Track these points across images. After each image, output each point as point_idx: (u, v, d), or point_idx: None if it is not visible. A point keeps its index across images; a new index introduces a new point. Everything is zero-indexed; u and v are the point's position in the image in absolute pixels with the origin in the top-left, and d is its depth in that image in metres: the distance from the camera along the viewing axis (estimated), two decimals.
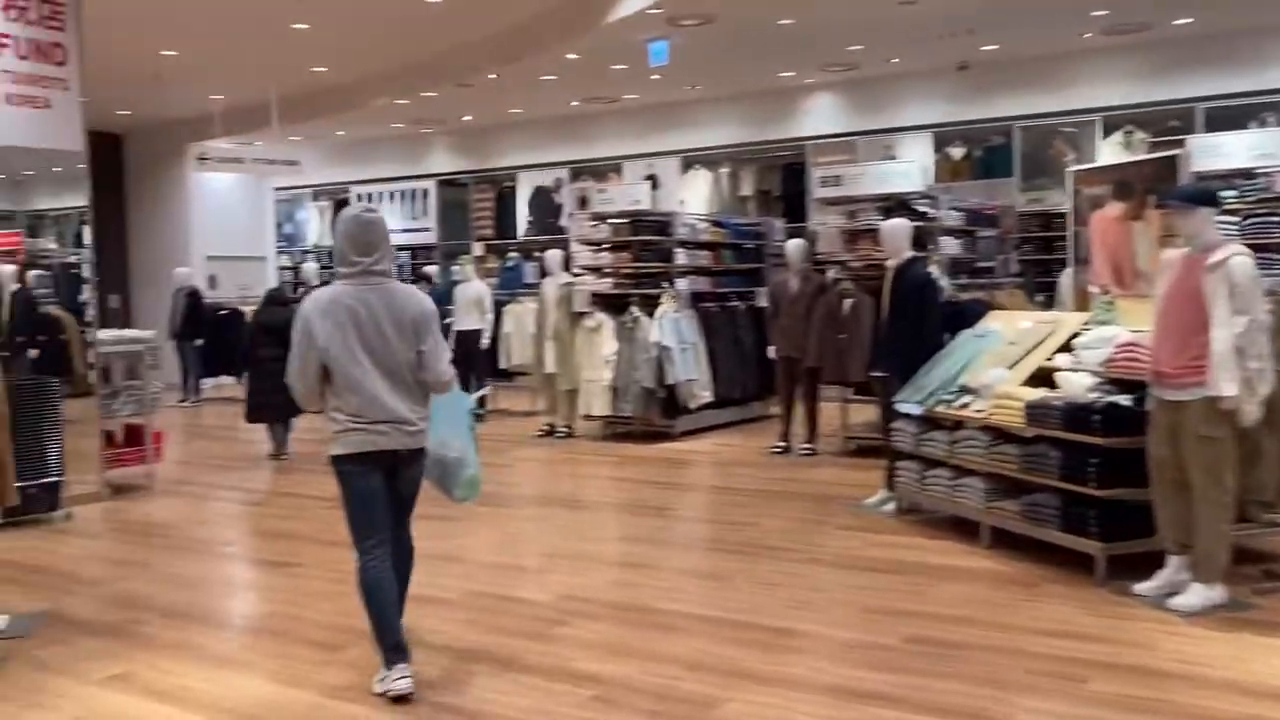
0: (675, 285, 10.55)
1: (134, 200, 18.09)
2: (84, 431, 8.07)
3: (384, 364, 3.99)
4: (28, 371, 11.99)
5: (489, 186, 16.48)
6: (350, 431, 4.02)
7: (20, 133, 7.59)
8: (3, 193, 19.86)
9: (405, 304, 4.07)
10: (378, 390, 3.97)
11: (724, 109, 14.37)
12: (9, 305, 11.78)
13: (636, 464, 9.30)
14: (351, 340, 3.95)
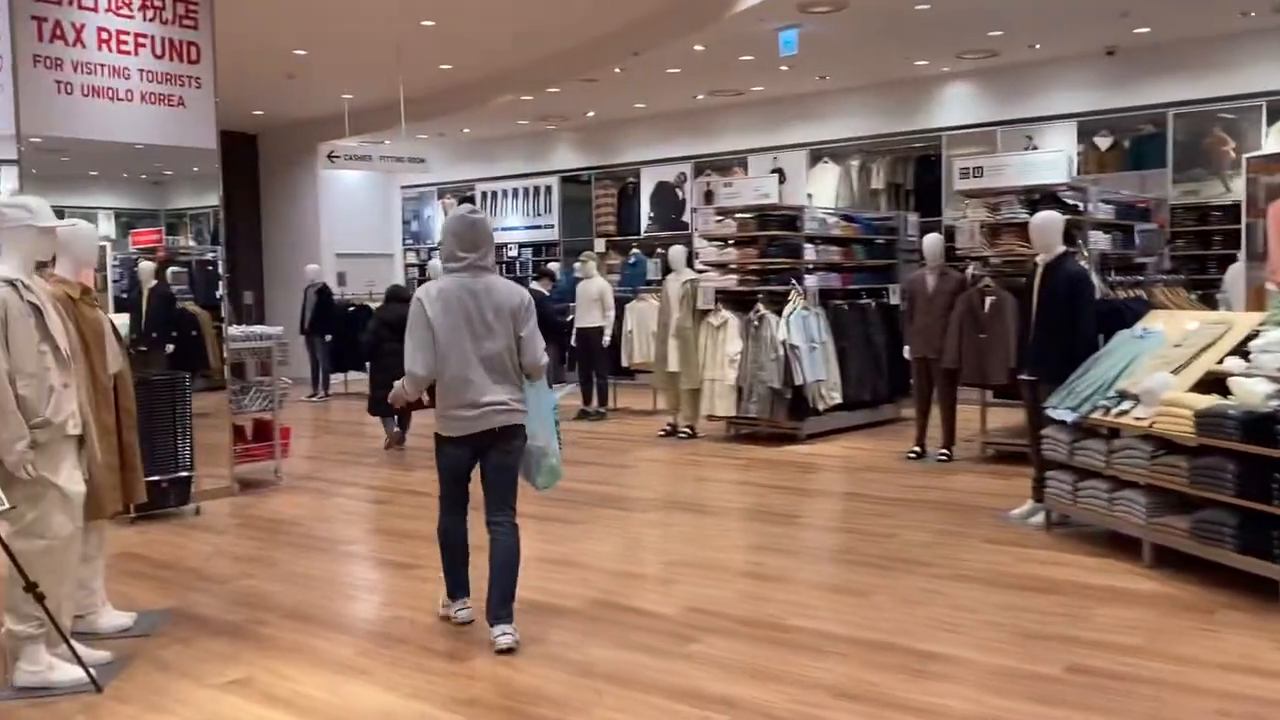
0: (803, 282, 10.19)
1: (267, 199, 18.55)
2: (216, 426, 8.17)
3: (486, 348, 4.49)
4: (164, 366, 12.38)
5: (611, 183, 16.34)
6: (449, 417, 4.55)
7: (156, 131, 7.70)
8: (145, 192, 20.63)
9: (505, 294, 4.58)
10: (478, 374, 4.48)
11: (854, 100, 13.90)
12: (147, 301, 12.14)
13: (762, 467, 8.98)
14: (458, 325, 4.47)
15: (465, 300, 4.48)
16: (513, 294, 4.59)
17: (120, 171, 21.12)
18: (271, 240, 18.44)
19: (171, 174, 18.25)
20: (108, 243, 15.30)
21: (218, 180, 8.37)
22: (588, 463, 9.34)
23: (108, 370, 4.83)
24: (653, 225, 15.87)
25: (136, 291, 12.35)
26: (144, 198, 21.46)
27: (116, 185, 21.23)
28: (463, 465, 4.62)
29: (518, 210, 17.39)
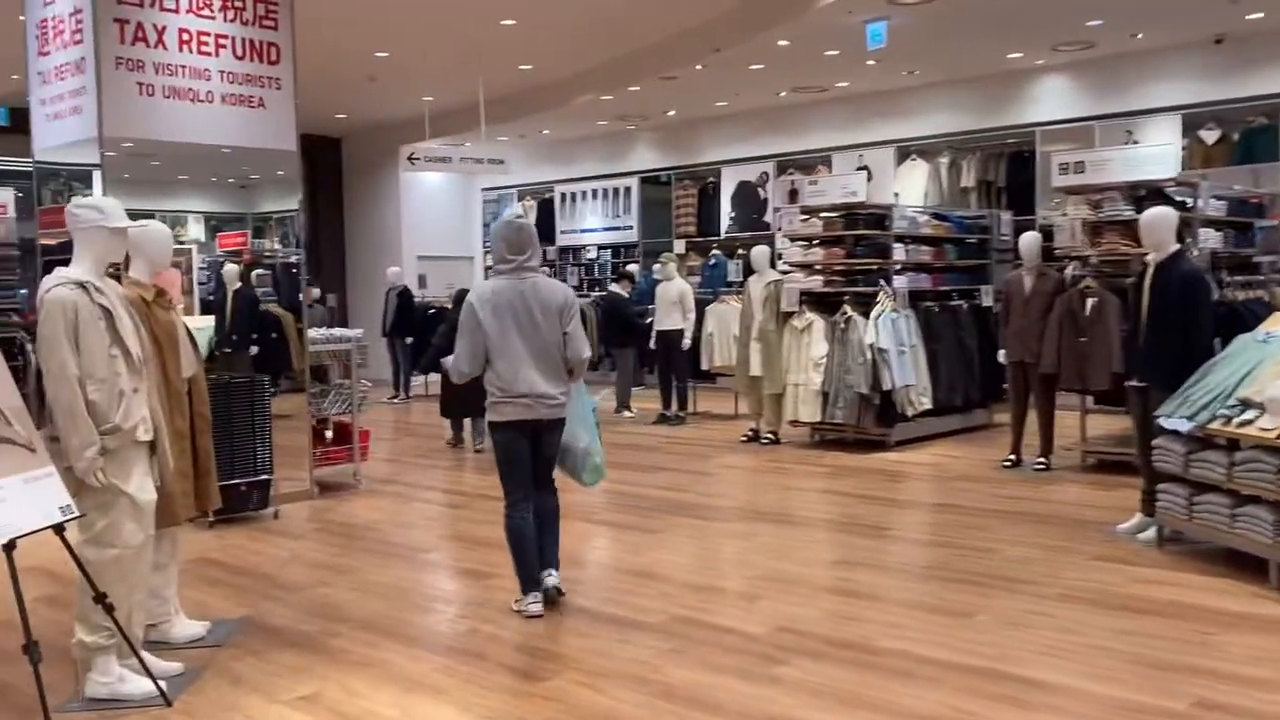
0: (892, 283, 9.84)
1: (351, 201, 18.71)
2: (297, 428, 8.13)
3: (533, 344, 4.85)
4: (248, 368, 12.46)
5: (691, 182, 16.09)
6: (503, 404, 4.91)
7: (236, 133, 7.65)
8: (233, 196, 20.97)
9: (551, 293, 4.94)
10: (526, 368, 4.84)
11: (944, 95, 13.46)
12: (231, 303, 12.24)
13: (849, 475, 8.66)
14: (508, 324, 4.84)
15: (514, 300, 4.86)
16: (557, 292, 4.97)
17: (209, 175, 21.48)
18: (355, 243, 18.58)
19: (258, 178, 18.51)
20: (194, 246, 15.62)
21: (298, 183, 8.27)
22: (666, 469, 9.12)
23: (181, 374, 4.74)
24: (733, 226, 15.59)
25: (222, 294, 12.49)
26: (232, 201, 21.84)
27: (205, 189, 21.63)
28: (522, 448, 4.98)
29: (597, 211, 17.25)
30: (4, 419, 3.73)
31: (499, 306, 4.85)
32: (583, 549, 6.47)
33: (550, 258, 17.81)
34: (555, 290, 4.97)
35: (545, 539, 5.10)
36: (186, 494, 4.77)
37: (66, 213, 4.20)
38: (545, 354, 4.87)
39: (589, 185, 17.29)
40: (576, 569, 5.90)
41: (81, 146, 7.18)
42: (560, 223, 17.66)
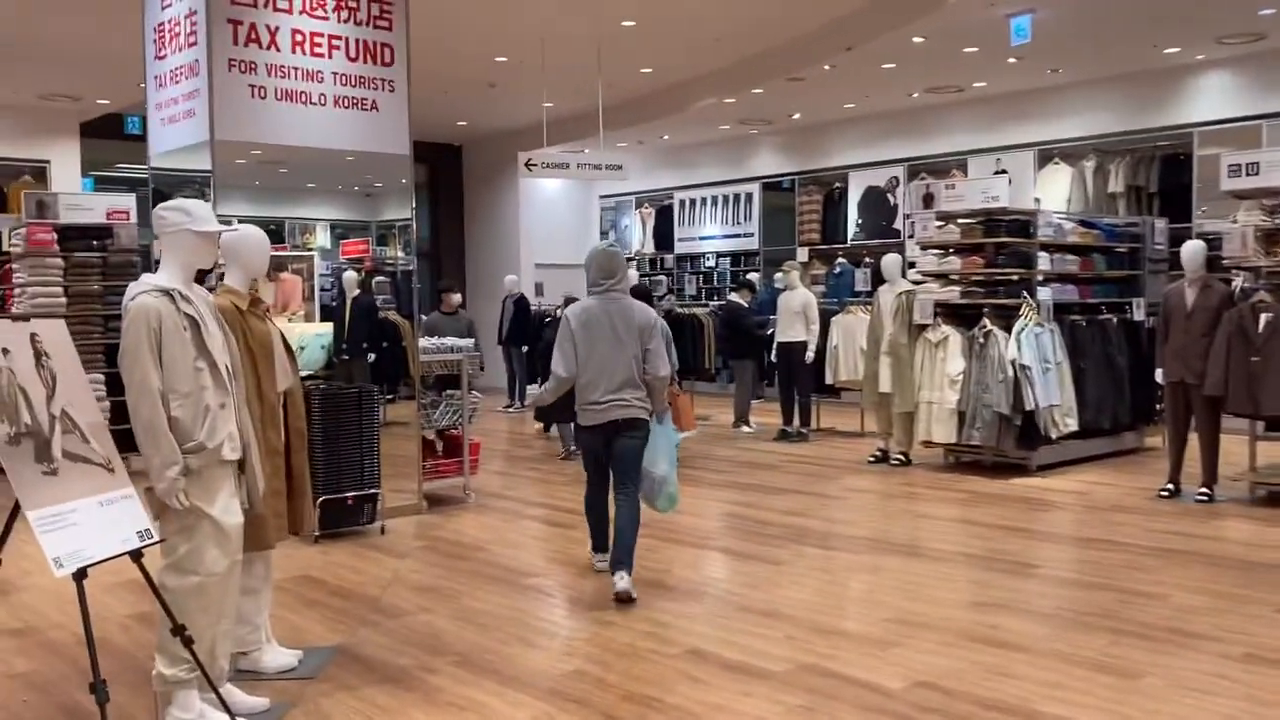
0: (1036, 294, 9.13)
1: (471, 209, 18.67)
2: (410, 437, 7.91)
3: (615, 356, 5.48)
4: (365, 376, 12.38)
5: (816, 188, 15.51)
6: (583, 410, 5.57)
7: (349, 136, 7.45)
8: (357, 204, 21.22)
9: (634, 314, 5.58)
10: (606, 377, 5.47)
11: (1090, 94, 12.61)
12: (350, 311, 12.19)
13: (988, 503, 8.01)
14: (594, 337, 5.50)
15: (602, 317, 5.53)
16: (640, 313, 5.59)
17: (334, 183, 21.79)
18: (475, 250, 18.54)
19: (381, 186, 18.62)
20: (316, 253, 15.72)
21: (410, 186, 8.04)
22: (788, 490, 8.61)
23: (276, 388, 4.47)
24: (860, 233, 14.96)
25: (341, 301, 12.46)
26: (357, 209, 22.14)
27: (331, 197, 21.97)
28: (597, 448, 5.67)
29: (716, 219, 16.80)
30: (80, 435, 3.48)
31: (588, 322, 5.54)
32: (699, 580, 6.02)
33: (668, 266, 17.45)
34: (638, 311, 5.61)
35: (618, 541, 5.53)
36: (279, 515, 4.49)
37: (153, 216, 3.95)
38: (625, 365, 5.50)
39: (709, 191, 16.86)
40: (692, 602, 5.46)
41: (201, 151, 7.05)
42: (679, 230, 17.28)
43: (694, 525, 7.31)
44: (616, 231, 18.41)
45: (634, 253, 18.02)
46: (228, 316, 4.24)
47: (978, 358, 9.07)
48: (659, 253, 17.59)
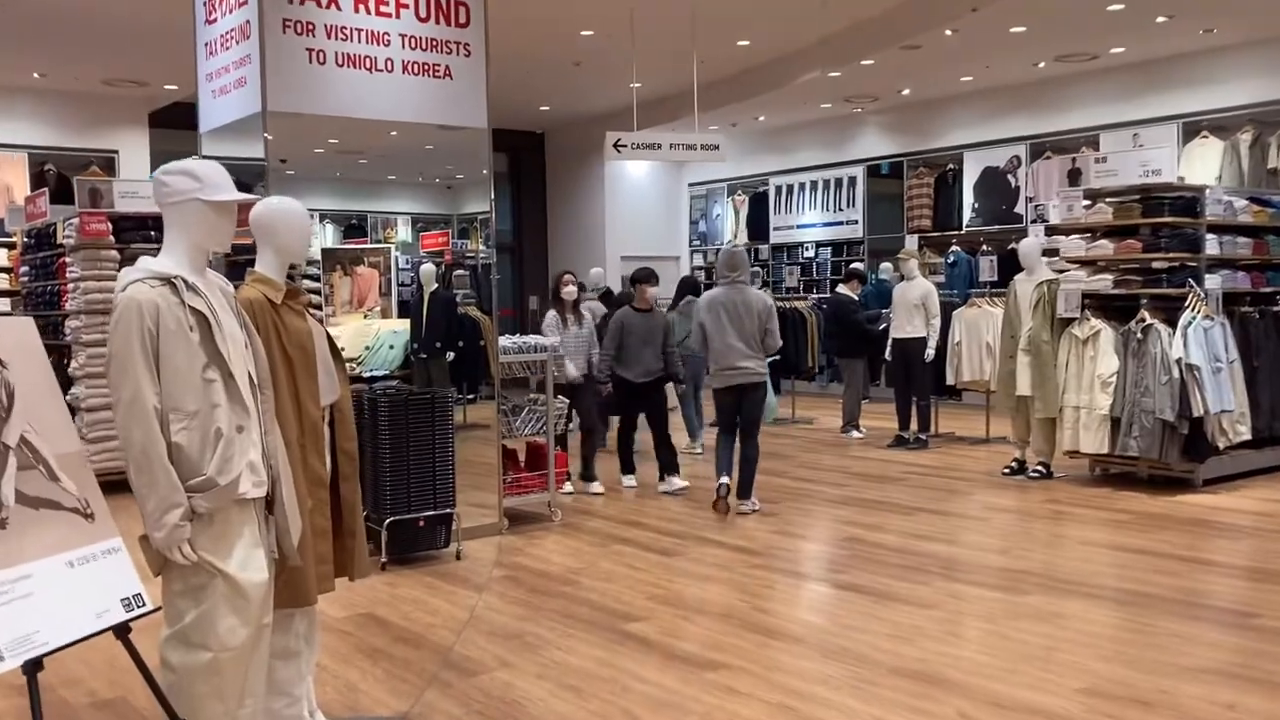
0: (1203, 282, 7.90)
1: (554, 199, 17.82)
2: (491, 441, 7.04)
3: (738, 333, 7.21)
4: (444, 376, 11.57)
5: (927, 171, 14.29)
6: (718, 375, 7.34)
7: (419, 106, 6.56)
8: (438, 197, 20.54)
9: (753, 301, 7.31)
10: (733, 349, 7.23)
11: (1248, 57, 11.21)
12: (427, 306, 11.38)
13: (1156, 526, 6.84)
14: (721, 319, 7.26)
15: (726, 304, 7.27)
16: (758, 300, 7.35)
17: (415, 175, 20.99)
18: (558, 242, 17.68)
19: (462, 178, 18.01)
20: (394, 245, 14.98)
21: (488, 165, 7.13)
22: (916, 508, 7.52)
23: (319, 402, 3.57)
24: (977, 218, 13.70)
25: (419, 296, 11.68)
26: (437, 202, 21.39)
27: (412, 190, 21.24)
28: (728, 407, 7.34)
29: (816, 205, 15.67)
30: (45, 471, 2.61)
31: (715, 308, 7.33)
32: (831, 628, 4.99)
33: (762, 256, 16.37)
34: (757, 297, 7.38)
35: (742, 474, 7.39)
36: (325, 560, 3.58)
37: (154, 182, 3.06)
38: (747, 340, 7.21)
39: (808, 176, 15.73)
40: (830, 661, 4.44)
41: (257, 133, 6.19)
42: (775, 218, 16.19)
43: (814, 553, 6.28)
44: (707, 221, 17.38)
45: (727, 243, 16.97)
46: (255, 312, 3.36)
47: (1135, 356, 7.88)
48: (753, 243, 16.51)
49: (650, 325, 8.21)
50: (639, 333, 8.14)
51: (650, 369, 8.17)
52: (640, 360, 8.12)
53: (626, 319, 8.20)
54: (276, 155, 7.70)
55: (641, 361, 8.12)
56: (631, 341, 8.12)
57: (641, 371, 8.13)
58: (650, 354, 8.14)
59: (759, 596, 5.47)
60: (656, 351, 8.18)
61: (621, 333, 8.14)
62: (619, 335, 8.15)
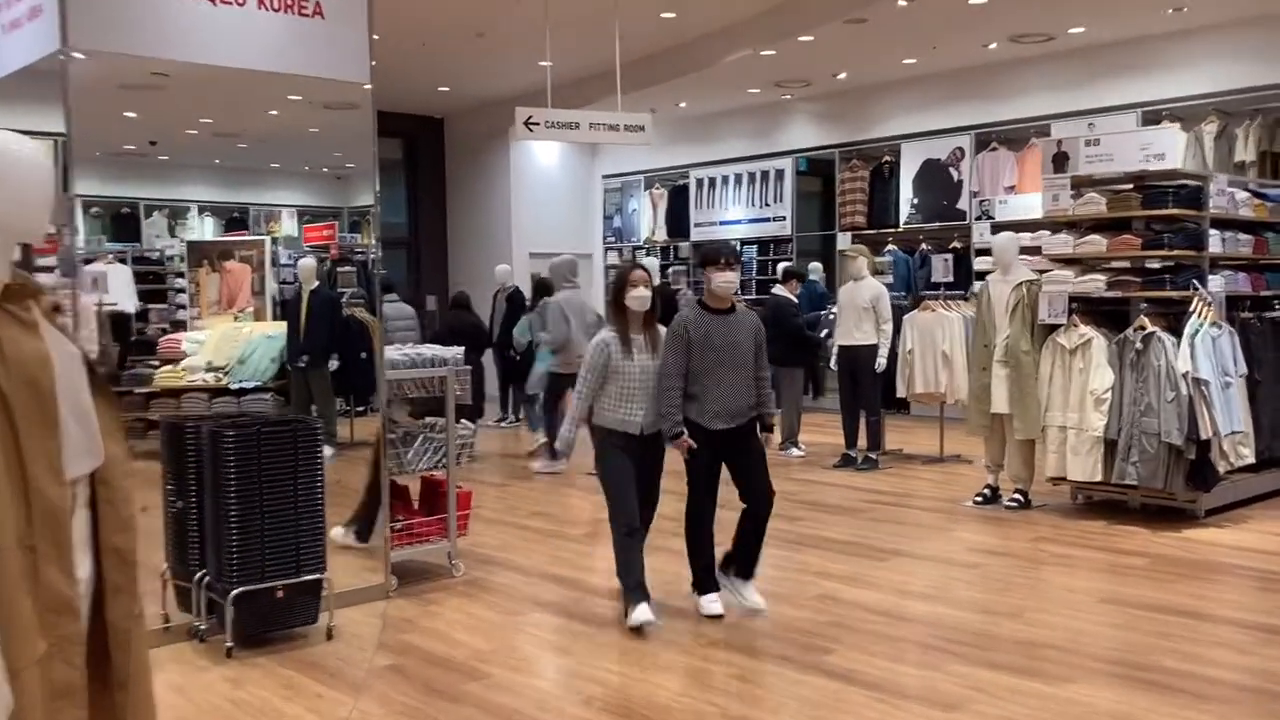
0: (1207, 285, 6.89)
1: (454, 191, 16.34)
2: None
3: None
4: (325, 388, 9.99)
5: (861, 163, 13.21)
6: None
7: (279, 53, 5.10)
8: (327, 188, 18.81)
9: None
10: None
11: (1215, 40, 10.36)
12: (306, 307, 9.87)
13: (1175, 574, 5.77)
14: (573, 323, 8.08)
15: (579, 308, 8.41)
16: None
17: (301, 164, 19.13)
18: (459, 238, 16.20)
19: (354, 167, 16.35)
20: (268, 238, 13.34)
21: (372, 135, 5.71)
22: (892, 551, 6.32)
23: (61, 470, 2.14)
24: (916, 215, 12.67)
25: (298, 296, 10.17)
26: (327, 194, 19.52)
27: (300, 181, 19.33)
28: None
29: (741, 200, 14.49)
30: None
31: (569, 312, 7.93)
32: None
33: (682, 255, 15.15)
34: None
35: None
36: None
37: None
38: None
39: (733, 169, 14.53)
40: None
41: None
42: (696, 213, 14.96)
43: (786, 621, 5.00)
44: (623, 216, 16.07)
45: (644, 240, 15.70)
46: None
47: (1133, 369, 6.82)
48: (672, 240, 15.27)
49: (733, 335, 5.02)
50: (719, 347, 4.97)
51: (739, 406, 4.99)
52: (722, 392, 4.94)
53: (697, 325, 4.98)
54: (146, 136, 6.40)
55: (723, 394, 4.94)
56: (707, 362, 4.95)
57: (725, 411, 4.95)
58: (739, 381, 4.99)
59: (730, 695, 4.17)
60: (747, 378, 5.03)
61: (689, 348, 4.95)
62: (685, 352, 4.94)
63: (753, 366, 5.02)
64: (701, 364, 4.91)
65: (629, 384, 4.96)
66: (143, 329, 10.94)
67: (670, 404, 4.89)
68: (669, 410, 4.90)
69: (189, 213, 16.45)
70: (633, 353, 4.98)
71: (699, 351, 4.91)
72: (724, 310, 5.04)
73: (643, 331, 5.03)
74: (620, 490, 4.99)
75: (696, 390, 4.91)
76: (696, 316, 4.99)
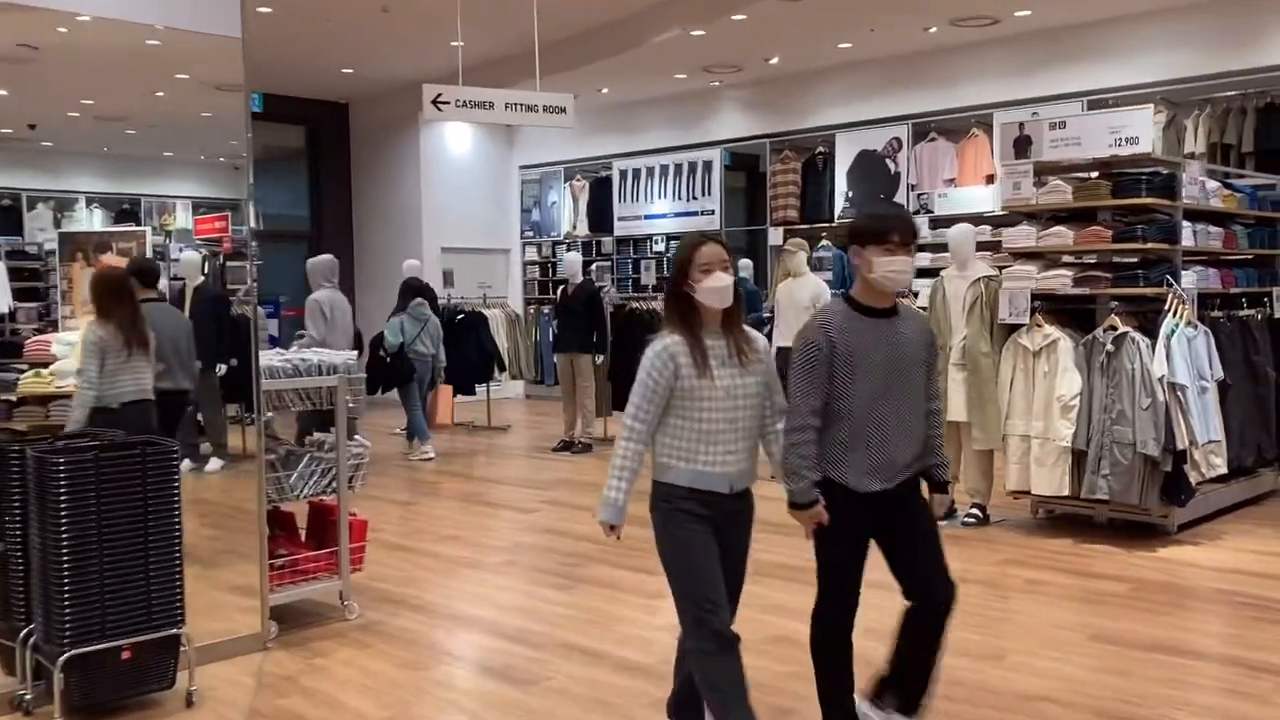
0: (1180, 281, 6.34)
1: (359, 182, 15.34)
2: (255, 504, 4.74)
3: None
4: (214, 394, 9.08)
5: (794, 154, 12.58)
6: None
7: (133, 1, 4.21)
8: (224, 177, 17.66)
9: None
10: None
11: (1163, 27, 9.93)
12: (191, 305, 8.95)
13: (1162, 604, 5.20)
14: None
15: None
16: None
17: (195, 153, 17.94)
18: (365, 232, 15.21)
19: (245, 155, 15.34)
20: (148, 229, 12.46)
21: (244, 102, 4.84)
22: None
23: None
24: (851, 209, 12.08)
25: (181, 294, 9.28)
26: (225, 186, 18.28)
27: (196, 171, 18.07)
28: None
29: (667, 193, 13.77)
30: None
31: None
32: None
33: (605, 250, 14.39)
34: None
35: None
36: None
37: None
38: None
39: (658, 159, 13.80)
40: None
41: None
42: (619, 207, 14.21)
43: None
44: (542, 209, 15.23)
45: (564, 235, 14.88)
46: None
47: (1104, 373, 6.24)
48: (594, 235, 14.49)
49: (900, 348, 3.35)
50: (878, 366, 3.30)
51: (904, 456, 3.39)
52: (883, 435, 3.33)
53: (844, 331, 3.30)
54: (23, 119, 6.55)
55: (885, 438, 3.33)
56: (858, 389, 3.29)
57: (884, 464, 3.34)
58: (907, 418, 3.38)
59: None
60: (917, 412, 3.41)
61: (832, 366, 3.27)
62: (825, 372, 3.27)
63: (924, 395, 3.40)
64: (849, 391, 3.24)
65: (710, 415, 3.19)
66: (15, 330, 10.02)
67: (801, 455, 3.25)
68: (799, 464, 3.24)
69: (76, 204, 15.27)
70: (710, 368, 3.17)
71: (846, 372, 3.23)
72: (884, 310, 3.32)
73: (724, 335, 3.23)
74: (699, 578, 3.22)
75: (840, 432, 3.27)
76: (843, 318, 3.29)
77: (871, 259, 3.27)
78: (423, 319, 10.10)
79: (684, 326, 3.21)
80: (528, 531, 6.95)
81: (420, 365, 9.88)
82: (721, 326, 3.24)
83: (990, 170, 10.75)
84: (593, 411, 10.19)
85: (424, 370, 9.95)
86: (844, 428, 3.27)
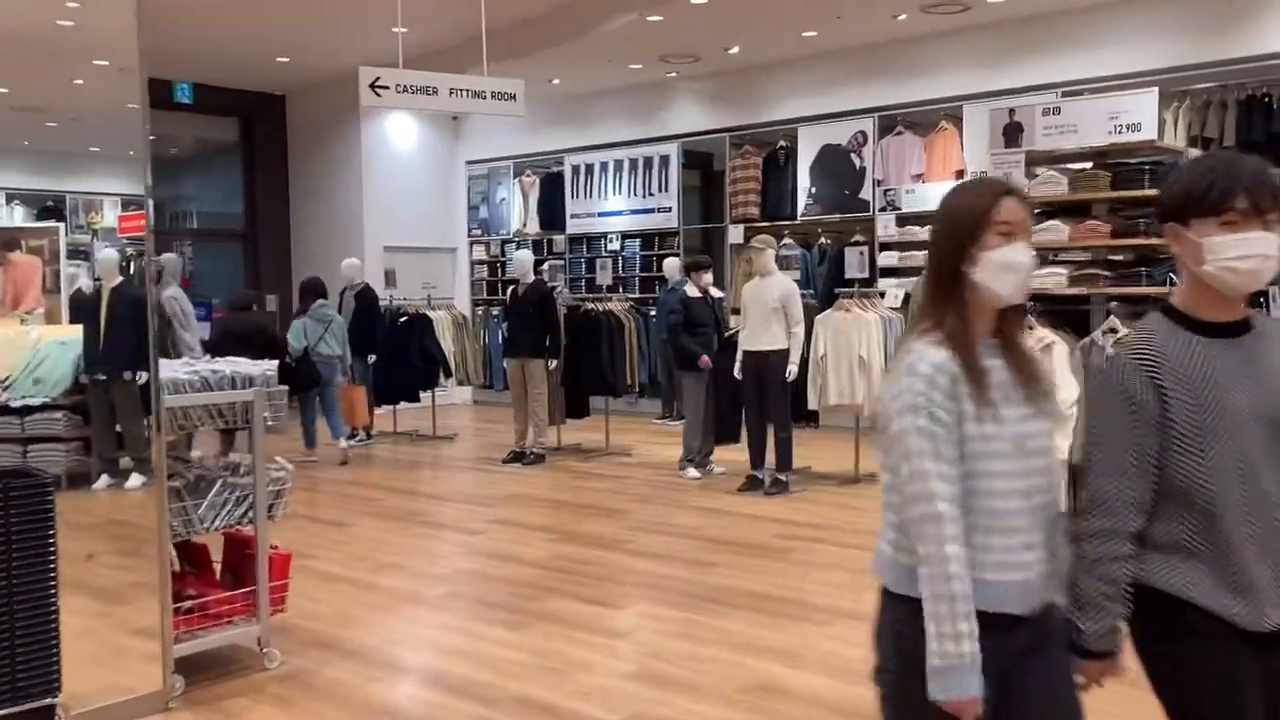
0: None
1: (298, 176, 14.59)
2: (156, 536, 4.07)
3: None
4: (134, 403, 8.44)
5: (754, 149, 12.05)
6: None
7: None
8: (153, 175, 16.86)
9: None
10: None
11: (1142, 17, 9.52)
12: (108, 307, 8.27)
13: None
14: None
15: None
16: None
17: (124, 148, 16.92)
18: (304, 230, 14.46)
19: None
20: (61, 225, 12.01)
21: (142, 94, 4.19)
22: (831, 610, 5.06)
23: None
24: (814, 206, 11.57)
25: (97, 295, 8.60)
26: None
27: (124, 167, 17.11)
28: None
29: (621, 189, 13.18)
30: None
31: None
32: None
33: (557, 248, 13.77)
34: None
35: None
36: None
37: None
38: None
39: (612, 154, 13.20)
40: None
41: None
42: (571, 204, 13.59)
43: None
44: (490, 206, 14.57)
45: (514, 233, 14.23)
46: None
47: None
48: (545, 233, 13.86)
49: (1267, 380, 2.05)
50: (1239, 415, 1.99)
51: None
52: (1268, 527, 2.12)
53: (1179, 360, 2.03)
54: None
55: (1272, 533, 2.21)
56: (1215, 451, 1.94)
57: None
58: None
59: None
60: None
61: (1162, 412, 2.02)
62: (1149, 421, 2.04)
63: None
64: (1198, 464, 1.98)
65: (999, 485, 2.00)
66: None
67: (1107, 577, 2.03)
68: (1103, 591, 2.03)
69: None
70: (993, 403, 1.99)
71: (1192, 432, 1.99)
72: (1233, 326, 2.05)
73: (1000, 350, 2.07)
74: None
75: (1179, 528, 2.02)
76: (1170, 344, 2.06)
77: (1200, 241, 1.98)
78: (326, 320, 9.76)
79: (950, 332, 1.99)
80: (474, 556, 6.31)
81: (325, 368, 9.64)
82: (1002, 334, 2.06)
83: (960, 165, 10.31)
84: (545, 420, 9.57)
85: (330, 372, 9.74)
86: (1188, 522, 1.99)
